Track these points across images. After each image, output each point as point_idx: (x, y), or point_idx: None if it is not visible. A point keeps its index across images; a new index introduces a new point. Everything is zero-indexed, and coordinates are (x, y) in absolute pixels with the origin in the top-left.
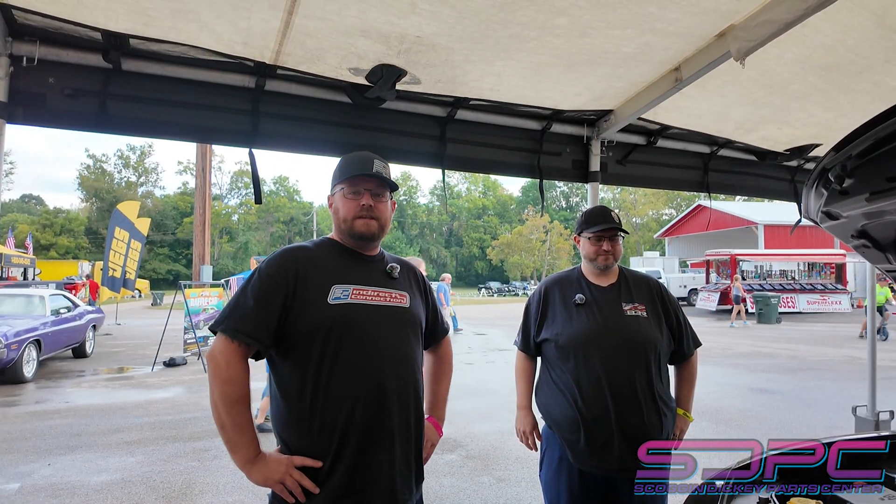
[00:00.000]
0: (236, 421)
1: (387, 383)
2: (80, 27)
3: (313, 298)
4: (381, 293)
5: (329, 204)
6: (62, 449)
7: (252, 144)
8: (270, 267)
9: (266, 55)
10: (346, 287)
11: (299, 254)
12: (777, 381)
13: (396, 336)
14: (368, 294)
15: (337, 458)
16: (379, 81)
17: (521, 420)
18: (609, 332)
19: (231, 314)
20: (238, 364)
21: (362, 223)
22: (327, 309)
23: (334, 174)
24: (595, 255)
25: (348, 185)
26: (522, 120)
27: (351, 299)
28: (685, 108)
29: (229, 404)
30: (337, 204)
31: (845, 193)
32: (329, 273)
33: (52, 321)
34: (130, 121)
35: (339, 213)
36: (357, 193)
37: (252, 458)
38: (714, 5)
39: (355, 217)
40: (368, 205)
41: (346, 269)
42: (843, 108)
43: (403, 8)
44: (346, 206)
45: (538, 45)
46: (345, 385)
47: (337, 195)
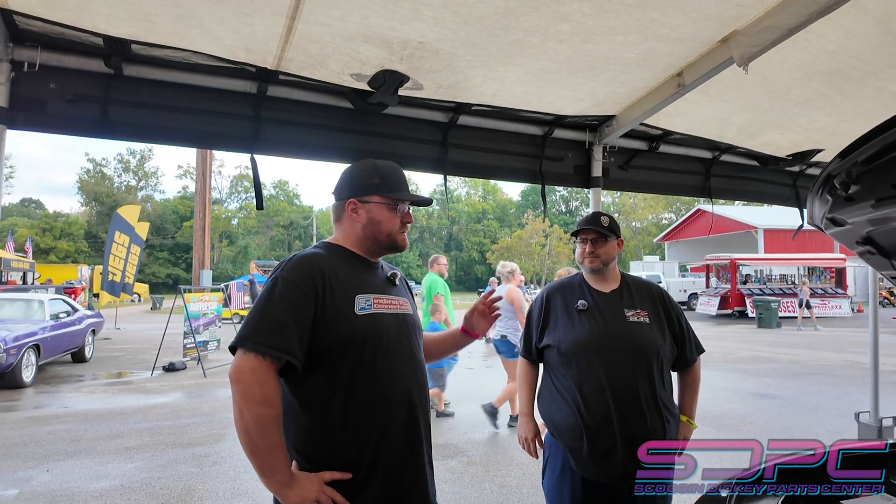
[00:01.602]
0: (271, 443)
1: (412, 390)
2: (82, 32)
3: (341, 309)
4: (392, 301)
5: (351, 209)
6: (61, 455)
7: (254, 150)
8: (295, 274)
9: (268, 60)
10: (367, 297)
11: (321, 261)
12: (778, 385)
13: (412, 343)
14: (384, 303)
15: (372, 469)
16: (381, 87)
17: (523, 427)
18: (611, 338)
19: (259, 327)
20: (271, 382)
21: (404, 239)
22: (356, 319)
23: (369, 183)
24: (581, 258)
25: (394, 201)
26: (524, 125)
27: (374, 309)
28: (687, 113)
29: (263, 426)
30: (375, 214)
31: (851, 200)
32: (351, 282)
33: (51, 326)
34: (132, 126)
35: (381, 224)
36: (404, 211)
37: (288, 481)
38: (717, 11)
39: (399, 231)
40: (411, 222)
41: (363, 278)
42: (845, 114)
43: (406, 14)
44: (392, 220)
45: (541, 51)
46: (377, 395)
47: (376, 206)
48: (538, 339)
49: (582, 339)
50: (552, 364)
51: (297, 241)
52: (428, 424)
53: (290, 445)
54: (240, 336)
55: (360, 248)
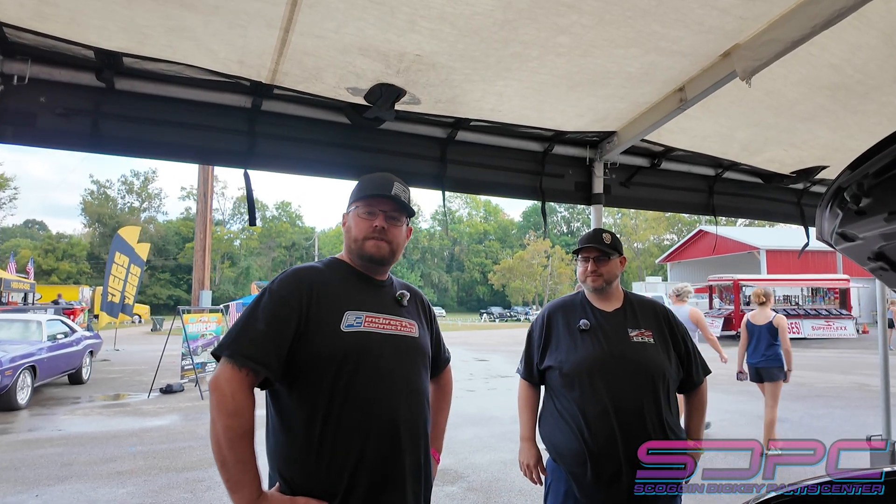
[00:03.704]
0: (240, 458)
1: (399, 418)
2: (73, 45)
3: (326, 324)
4: (393, 321)
5: (343, 222)
6: (52, 479)
7: (247, 165)
8: (283, 287)
9: (263, 74)
10: (359, 314)
11: (312, 275)
12: (785, 408)
13: (407, 368)
14: (380, 322)
15: (347, 498)
16: (378, 101)
17: (525, 452)
18: (615, 359)
19: (239, 337)
20: (244, 394)
21: (373, 245)
22: (340, 337)
23: (352, 192)
24: (583, 277)
25: (364, 205)
26: (524, 141)
27: (364, 327)
28: (689, 129)
29: (233, 439)
30: (350, 223)
31: (862, 213)
32: (341, 298)
33: (48, 347)
34: (123, 141)
35: (352, 232)
36: (372, 214)
37: (254, 500)
38: (719, 24)
39: (367, 238)
40: (382, 226)
41: (358, 295)
42: (850, 130)
43: (402, 26)
44: (359, 225)
45: (540, 65)
46: (357, 419)
47: (351, 214)
48: (539, 361)
49: (585, 361)
50: (554, 386)
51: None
52: (419, 458)
53: (272, 465)
54: (220, 344)
55: (355, 262)
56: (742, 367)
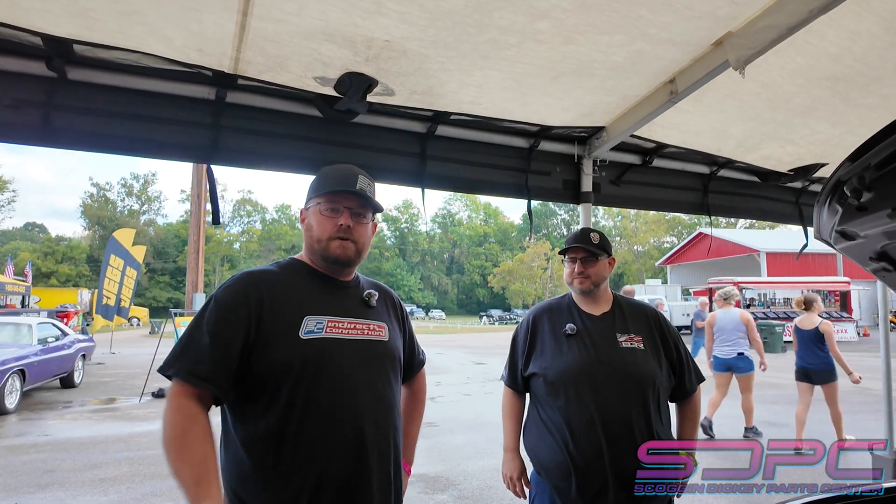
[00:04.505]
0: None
1: (366, 431)
2: (18, 31)
3: (282, 332)
4: (359, 325)
5: (301, 219)
6: (32, 487)
7: (212, 161)
8: (228, 295)
9: (224, 63)
10: (319, 319)
11: (264, 278)
12: (785, 413)
13: (375, 375)
14: (344, 327)
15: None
16: (348, 92)
17: (508, 464)
18: (602, 365)
19: (183, 354)
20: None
21: (338, 245)
22: (299, 345)
23: (311, 186)
24: (570, 278)
25: (326, 201)
26: (508, 137)
27: (326, 333)
28: (681, 124)
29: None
30: (311, 220)
31: (863, 209)
32: (300, 302)
33: (38, 350)
34: (78, 134)
35: (313, 231)
36: (335, 211)
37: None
38: (710, 9)
39: (331, 238)
40: (347, 225)
41: (319, 298)
42: (850, 124)
43: (368, 7)
44: (322, 224)
45: (519, 53)
46: (319, 433)
47: (312, 210)
48: (524, 367)
49: (570, 367)
50: (538, 395)
51: None
52: (388, 473)
53: (226, 484)
54: (165, 361)
55: (316, 263)
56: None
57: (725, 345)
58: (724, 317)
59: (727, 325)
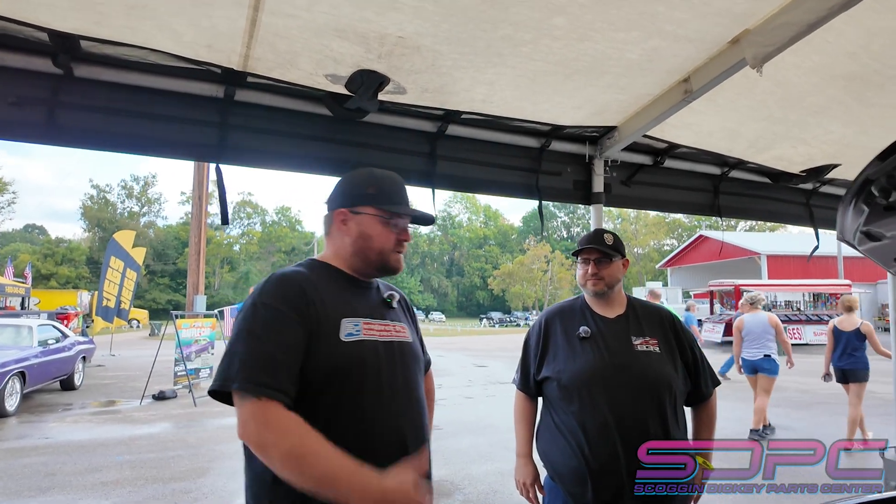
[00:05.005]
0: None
1: (406, 434)
2: (25, 26)
3: (325, 335)
4: (387, 327)
5: (341, 220)
6: (33, 490)
7: (220, 160)
8: (276, 298)
9: (234, 60)
10: (356, 321)
11: (301, 280)
12: (789, 416)
13: (407, 377)
14: (377, 328)
15: None
16: (359, 90)
17: (521, 470)
18: (618, 369)
19: (244, 366)
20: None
21: (397, 259)
22: (341, 347)
23: (363, 191)
24: (583, 280)
25: (391, 215)
26: (519, 136)
27: (363, 335)
28: (694, 124)
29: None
30: (368, 229)
31: (891, 209)
32: (336, 304)
33: (38, 352)
34: (83, 132)
35: (372, 240)
36: (400, 227)
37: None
38: (728, 5)
39: (393, 250)
40: (408, 241)
41: (351, 300)
42: (864, 124)
43: (381, 2)
44: (386, 236)
45: (534, 50)
46: (363, 439)
47: (369, 218)
48: (536, 371)
49: (585, 371)
50: (552, 399)
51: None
52: (428, 475)
53: (255, 498)
54: (223, 377)
55: (349, 266)
56: (828, 369)
57: (753, 347)
58: (751, 320)
59: (755, 328)
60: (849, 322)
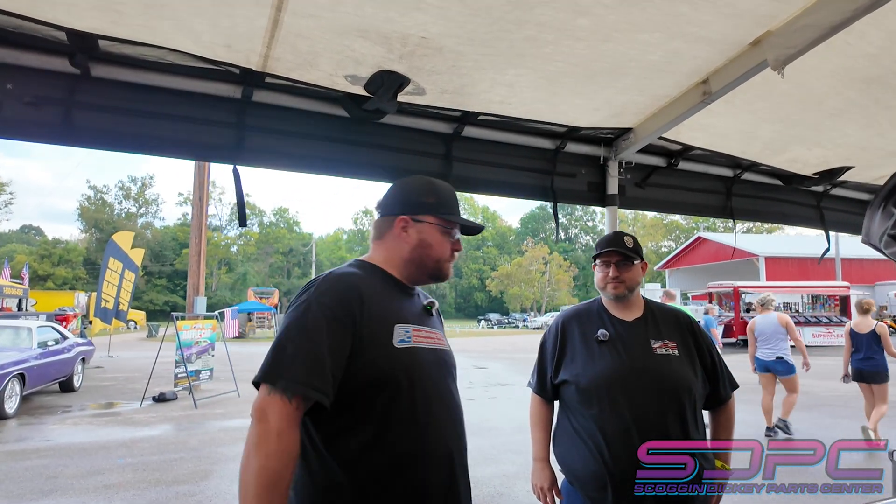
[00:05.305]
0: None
1: (451, 442)
2: (42, 25)
3: (379, 339)
4: (431, 334)
5: (402, 227)
6: (35, 493)
7: (237, 161)
8: (332, 298)
9: (252, 60)
10: (406, 327)
11: (359, 282)
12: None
13: (452, 386)
14: (423, 336)
15: None
16: (379, 91)
17: (538, 474)
18: (637, 372)
19: (291, 362)
20: (292, 433)
21: (450, 268)
22: (394, 353)
23: (425, 200)
24: (603, 283)
25: (450, 225)
26: (534, 138)
27: (413, 342)
28: (710, 126)
29: (267, 486)
30: (428, 237)
31: None
32: (388, 308)
33: (38, 354)
34: (99, 132)
35: (432, 248)
36: (454, 238)
37: None
38: (751, 7)
39: (448, 260)
40: (460, 251)
41: (401, 305)
42: (880, 127)
43: (406, 3)
44: (444, 245)
45: (555, 51)
46: (416, 450)
47: (429, 227)
48: (553, 374)
49: (604, 374)
50: (570, 402)
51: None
52: (468, 483)
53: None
54: (268, 371)
55: (400, 272)
56: (847, 370)
57: (766, 347)
58: (762, 321)
59: (767, 328)
60: (864, 324)
